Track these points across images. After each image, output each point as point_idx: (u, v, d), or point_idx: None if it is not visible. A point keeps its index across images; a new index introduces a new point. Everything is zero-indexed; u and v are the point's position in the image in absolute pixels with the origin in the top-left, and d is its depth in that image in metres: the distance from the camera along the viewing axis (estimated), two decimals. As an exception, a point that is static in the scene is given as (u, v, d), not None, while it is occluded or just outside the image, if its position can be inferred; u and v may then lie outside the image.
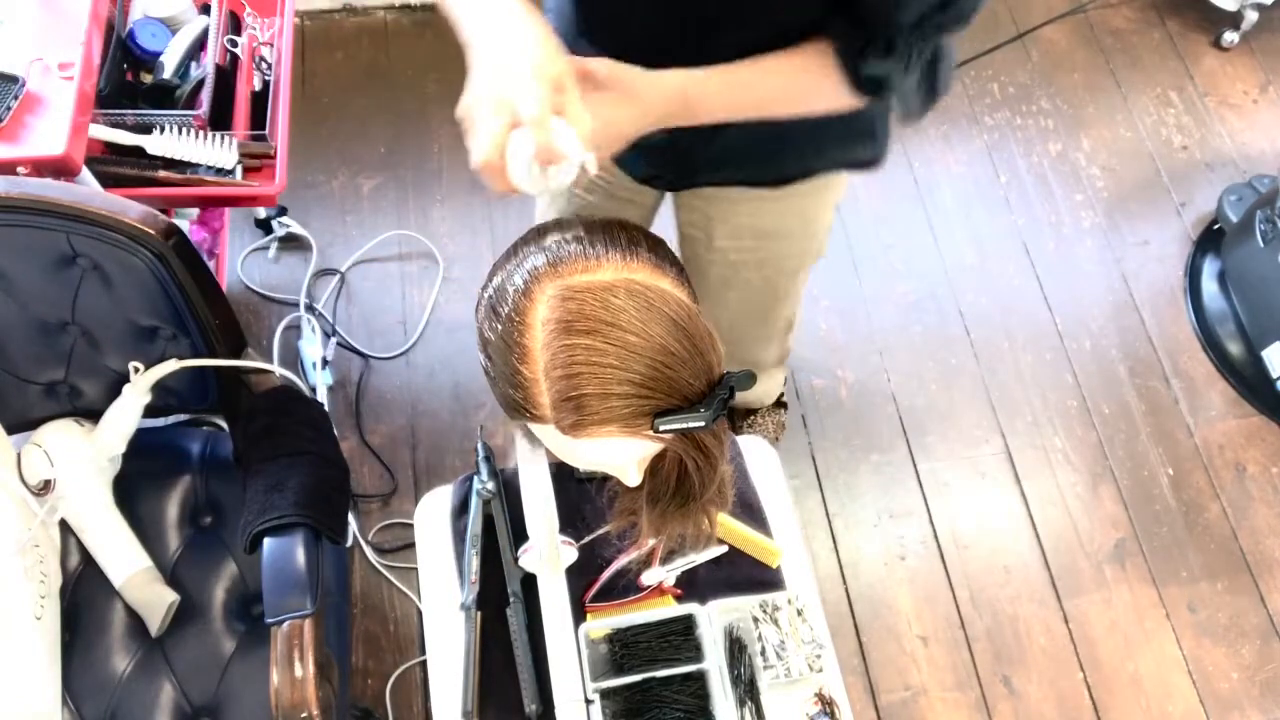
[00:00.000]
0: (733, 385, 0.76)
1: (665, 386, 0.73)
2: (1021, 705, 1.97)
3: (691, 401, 0.74)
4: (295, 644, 1.21)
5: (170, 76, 1.66)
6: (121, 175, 1.58)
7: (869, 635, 2.02)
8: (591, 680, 1.16)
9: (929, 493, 2.17)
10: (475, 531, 1.24)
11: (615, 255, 0.77)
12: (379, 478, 2.09)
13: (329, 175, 2.45)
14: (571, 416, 0.73)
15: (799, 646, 1.21)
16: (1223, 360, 2.35)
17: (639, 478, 0.84)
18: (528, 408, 0.76)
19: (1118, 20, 2.90)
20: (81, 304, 1.33)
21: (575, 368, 0.72)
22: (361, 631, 1.94)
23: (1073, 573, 2.10)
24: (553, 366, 0.73)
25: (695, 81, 0.92)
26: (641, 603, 1.23)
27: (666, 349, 0.73)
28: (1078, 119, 2.72)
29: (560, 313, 0.73)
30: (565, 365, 0.72)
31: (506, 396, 0.78)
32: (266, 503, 1.31)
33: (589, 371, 0.72)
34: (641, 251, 0.79)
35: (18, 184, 1.24)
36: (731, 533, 1.28)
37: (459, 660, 1.18)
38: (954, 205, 2.55)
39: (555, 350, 0.73)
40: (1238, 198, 2.44)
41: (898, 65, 0.91)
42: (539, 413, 0.75)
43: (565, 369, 0.72)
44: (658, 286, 0.76)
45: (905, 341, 2.34)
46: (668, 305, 0.74)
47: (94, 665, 1.37)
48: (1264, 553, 2.15)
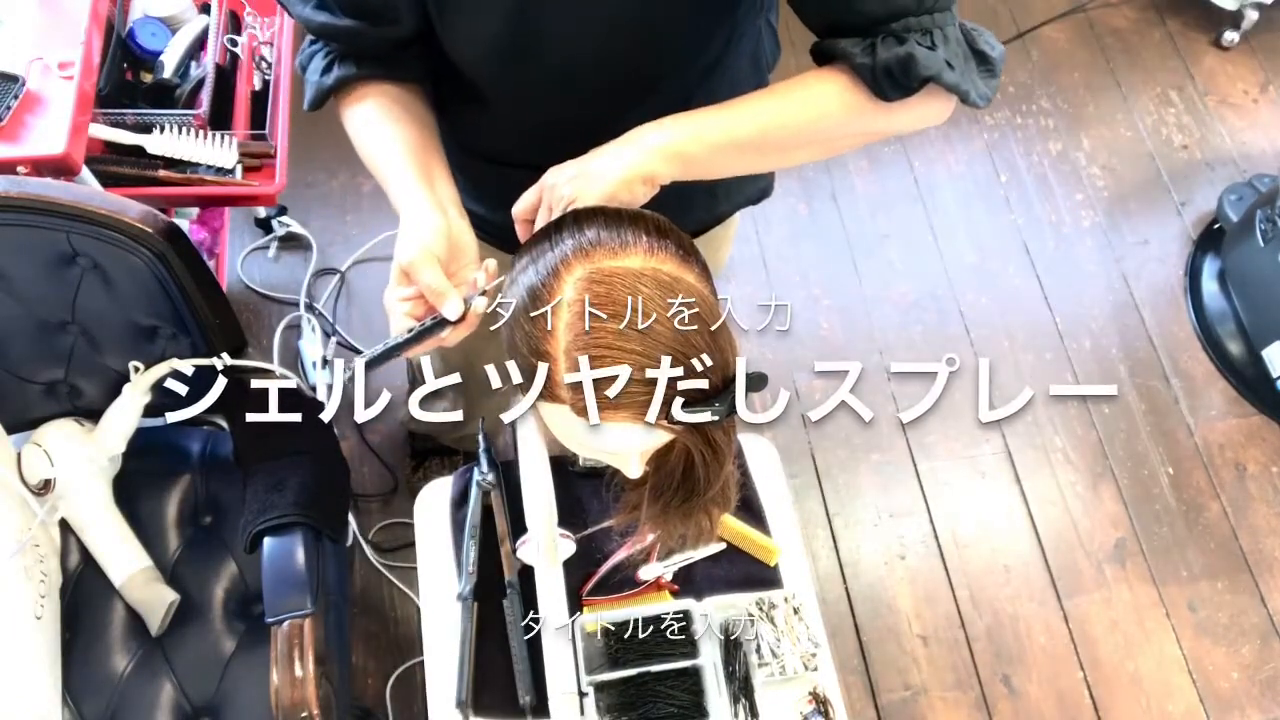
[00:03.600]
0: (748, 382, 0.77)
1: (682, 377, 0.74)
2: (1021, 705, 1.97)
3: (707, 395, 0.75)
4: (295, 643, 1.21)
5: (170, 76, 1.66)
6: (121, 175, 1.58)
7: (869, 635, 2.02)
8: (586, 673, 1.17)
9: (929, 492, 2.17)
10: (474, 522, 1.25)
11: (643, 244, 0.78)
12: (379, 478, 2.09)
13: (329, 175, 2.45)
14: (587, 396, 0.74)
15: (795, 645, 1.21)
16: (1223, 359, 2.35)
17: (641, 470, 0.84)
18: (545, 385, 0.77)
19: (1118, 20, 2.90)
20: (81, 303, 1.33)
21: (597, 349, 0.73)
22: (361, 631, 1.94)
23: (1073, 572, 2.10)
24: (574, 347, 0.74)
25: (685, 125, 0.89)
26: (638, 597, 1.24)
27: (688, 340, 0.74)
28: (1078, 118, 2.72)
29: (587, 295, 0.74)
30: (587, 347, 0.73)
31: (525, 371, 0.79)
32: (266, 502, 1.31)
33: (610, 355, 0.73)
34: (669, 243, 0.80)
35: (18, 183, 1.24)
36: (730, 530, 1.28)
37: (455, 650, 1.18)
38: (954, 205, 2.55)
39: (579, 331, 0.74)
40: (1238, 197, 2.44)
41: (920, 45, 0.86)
42: (556, 391, 0.76)
43: (586, 350, 0.73)
44: (684, 279, 0.77)
45: (905, 341, 2.34)
46: (691, 297, 0.75)
47: (94, 664, 1.37)
48: (1264, 552, 2.15)
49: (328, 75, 0.98)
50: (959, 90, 0.88)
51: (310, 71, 1.00)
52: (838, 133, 0.93)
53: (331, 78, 0.97)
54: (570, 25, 0.89)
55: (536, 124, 1.01)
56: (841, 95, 0.89)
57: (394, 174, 0.92)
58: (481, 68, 0.97)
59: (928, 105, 0.90)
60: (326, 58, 0.98)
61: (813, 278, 2.42)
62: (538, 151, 0.91)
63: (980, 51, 0.90)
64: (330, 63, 0.98)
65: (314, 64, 1.00)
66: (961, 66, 0.88)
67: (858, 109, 0.89)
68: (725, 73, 1.01)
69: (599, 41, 0.91)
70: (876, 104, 0.89)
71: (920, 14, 0.85)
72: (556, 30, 0.89)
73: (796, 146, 0.93)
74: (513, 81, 0.97)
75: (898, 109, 0.89)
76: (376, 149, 0.95)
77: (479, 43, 0.93)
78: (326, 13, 0.94)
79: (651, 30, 0.90)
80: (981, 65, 0.90)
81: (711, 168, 0.90)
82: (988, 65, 0.90)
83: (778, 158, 0.96)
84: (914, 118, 0.93)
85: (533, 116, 1.01)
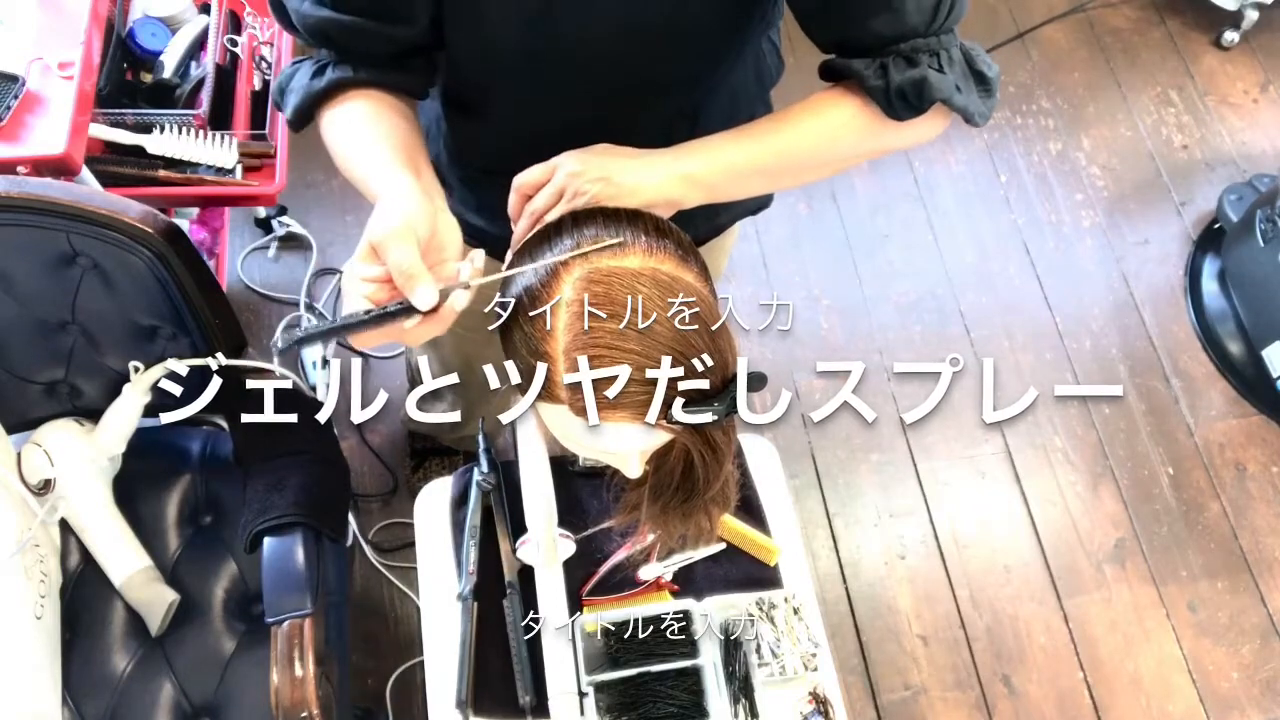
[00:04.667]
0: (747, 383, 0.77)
1: (682, 377, 0.74)
2: (1021, 705, 1.97)
3: (706, 395, 0.75)
4: (295, 643, 1.21)
5: (170, 76, 1.66)
6: (121, 175, 1.58)
7: (869, 635, 2.02)
8: (586, 673, 1.17)
9: (929, 492, 2.17)
10: (474, 523, 1.25)
11: (642, 244, 0.78)
12: (379, 478, 2.09)
13: (329, 174, 2.45)
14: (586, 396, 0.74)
15: (795, 645, 1.21)
16: (1223, 359, 2.35)
17: (640, 469, 0.84)
18: (544, 385, 0.77)
19: (1118, 19, 2.90)
20: (81, 303, 1.33)
21: (596, 350, 0.73)
22: (361, 631, 1.94)
23: (1073, 572, 2.10)
24: (573, 347, 0.74)
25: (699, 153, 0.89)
26: (638, 597, 1.24)
27: (687, 340, 0.74)
28: (1078, 118, 2.72)
29: (585, 295, 0.74)
30: (586, 346, 0.73)
31: (524, 372, 0.78)
32: (266, 502, 1.31)
33: (609, 355, 0.73)
34: (668, 243, 0.80)
35: (18, 183, 1.24)
36: (730, 530, 1.28)
37: (455, 650, 1.18)
38: (954, 205, 2.55)
39: (577, 331, 0.74)
40: (1238, 197, 2.44)
41: (930, 68, 0.88)
42: (555, 391, 0.76)
43: (585, 350, 0.73)
44: (683, 278, 0.77)
45: (905, 341, 2.34)
46: (690, 297, 0.75)
47: (94, 665, 1.37)
48: (1264, 552, 2.15)
49: (319, 79, 0.90)
50: (965, 112, 0.91)
51: (296, 80, 0.92)
52: (849, 153, 0.95)
53: (325, 81, 0.89)
54: (586, 28, 0.88)
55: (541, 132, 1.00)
56: (855, 118, 0.91)
57: (378, 163, 0.85)
58: (496, 65, 0.95)
59: (931, 122, 0.93)
60: (317, 64, 0.91)
61: (813, 278, 2.42)
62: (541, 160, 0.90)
63: (979, 71, 0.92)
64: (322, 68, 0.90)
65: (300, 73, 0.92)
66: (965, 87, 0.91)
67: (869, 130, 0.92)
68: (731, 83, 1.02)
69: (613, 44, 0.90)
70: (886, 124, 0.91)
71: (928, 35, 0.87)
72: (572, 33, 0.89)
73: (811, 168, 0.95)
74: (527, 86, 0.96)
75: (905, 128, 0.92)
76: (359, 141, 0.88)
77: (491, 45, 0.92)
78: (327, 8, 0.86)
79: (667, 35, 0.90)
80: (980, 85, 0.92)
81: (731, 193, 0.92)
82: (985, 85, 0.93)
83: (791, 179, 0.97)
84: (917, 135, 0.95)
85: (538, 124, 1.00)
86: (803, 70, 1.02)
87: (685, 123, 1.01)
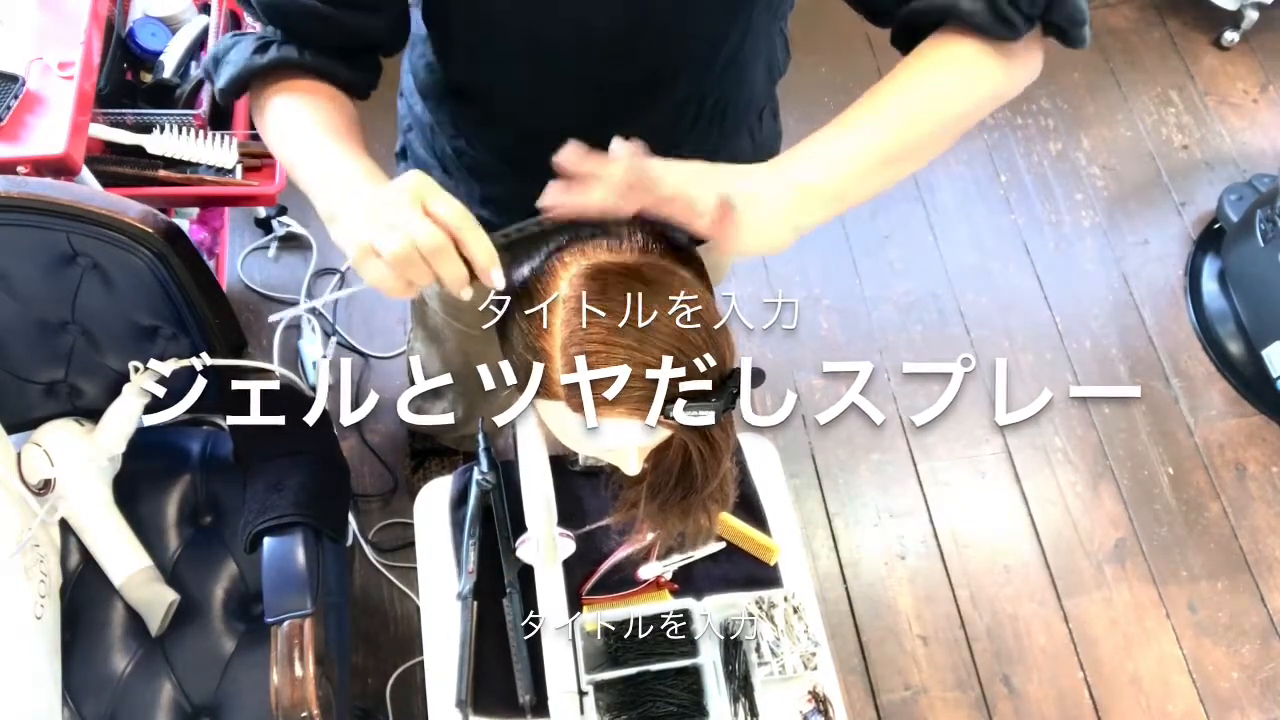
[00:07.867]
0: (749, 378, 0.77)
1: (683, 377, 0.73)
2: (1021, 705, 1.97)
3: (705, 393, 0.74)
4: (295, 643, 1.21)
5: (170, 76, 1.66)
6: (121, 175, 1.58)
7: (869, 635, 2.02)
8: (586, 672, 1.17)
9: (929, 492, 2.17)
10: (474, 522, 1.25)
11: (639, 241, 0.78)
12: (379, 478, 2.09)
13: (329, 176, 2.45)
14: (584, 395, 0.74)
15: (794, 644, 1.21)
16: (1223, 359, 2.35)
17: (639, 466, 0.84)
18: (542, 381, 0.76)
19: (1118, 20, 2.90)
20: (81, 303, 1.33)
21: (592, 346, 0.73)
22: (361, 631, 1.94)
23: (1073, 572, 2.10)
24: (570, 343, 0.73)
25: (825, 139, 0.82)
26: (638, 596, 1.24)
27: (684, 336, 0.73)
28: (1078, 118, 2.72)
29: (582, 290, 0.74)
30: (583, 342, 0.73)
31: (521, 368, 0.78)
32: (266, 502, 1.31)
33: (606, 351, 0.72)
34: (665, 241, 0.80)
35: (18, 183, 1.24)
36: (730, 529, 1.28)
37: (455, 650, 1.18)
38: (954, 205, 2.55)
39: (574, 327, 0.73)
40: (1238, 197, 2.44)
41: None
42: (552, 388, 0.76)
43: (582, 346, 0.73)
44: (680, 275, 0.77)
45: (905, 341, 2.34)
46: (688, 294, 0.75)
47: (94, 665, 1.37)
48: (1264, 552, 2.15)
49: (260, 55, 0.85)
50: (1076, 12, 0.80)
51: (236, 53, 0.87)
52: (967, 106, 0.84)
53: (267, 58, 0.85)
54: (590, 15, 0.87)
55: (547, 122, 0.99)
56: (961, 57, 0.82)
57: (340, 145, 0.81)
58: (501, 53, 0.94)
59: (1031, 55, 0.85)
60: (260, 40, 0.86)
61: (813, 278, 2.42)
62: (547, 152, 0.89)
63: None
64: (266, 45, 0.86)
65: (241, 46, 0.87)
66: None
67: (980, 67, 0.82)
68: (740, 71, 1.00)
69: (617, 29, 0.88)
70: (996, 56, 0.82)
71: None
72: (575, 19, 0.87)
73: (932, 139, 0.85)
74: (530, 75, 0.95)
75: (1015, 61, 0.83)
76: (312, 123, 0.84)
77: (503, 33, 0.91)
78: None
79: (671, 16, 0.88)
80: None
81: (857, 197, 0.82)
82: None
83: (912, 160, 0.86)
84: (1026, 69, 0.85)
85: (544, 114, 0.98)
86: (803, 70, 1.01)
87: (692, 109, 0.99)
